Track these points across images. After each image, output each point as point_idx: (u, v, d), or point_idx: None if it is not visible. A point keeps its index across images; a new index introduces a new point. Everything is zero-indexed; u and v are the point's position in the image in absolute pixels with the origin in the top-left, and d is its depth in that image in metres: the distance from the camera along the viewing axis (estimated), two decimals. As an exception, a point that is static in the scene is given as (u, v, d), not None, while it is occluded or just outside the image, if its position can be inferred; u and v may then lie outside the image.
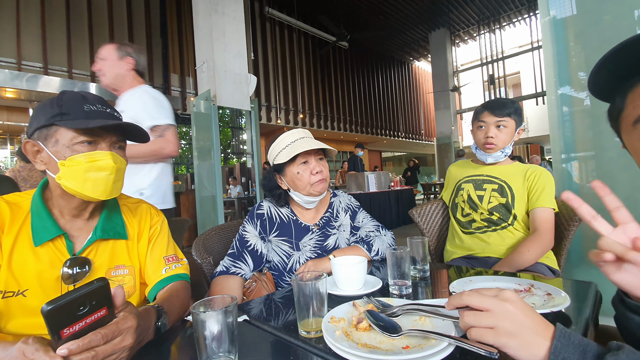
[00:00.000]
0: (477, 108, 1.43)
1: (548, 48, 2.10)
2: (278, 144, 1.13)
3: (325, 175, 1.13)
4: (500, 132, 1.34)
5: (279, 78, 10.15)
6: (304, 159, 1.11)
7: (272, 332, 0.64)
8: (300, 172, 1.11)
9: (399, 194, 6.71)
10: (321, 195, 1.14)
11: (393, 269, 0.82)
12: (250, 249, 1.13)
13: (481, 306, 0.46)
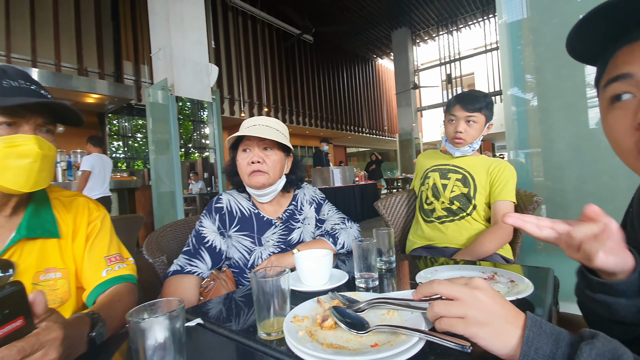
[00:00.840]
0: (450, 99, 1.44)
1: (504, 49, 2.19)
2: (240, 128, 1.06)
3: (267, 168, 1.05)
4: (470, 128, 1.37)
5: (243, 70, 9.84)
6: (245, 146, 1.06)
7: (229, 335, 0.58)
8: (239, 160, 1.07)
9: (364, 188, 6.82)
10: (266, 189, 1.08)
11: (359, 262, 0.79)
12: (208, 245, 1.04)
13: (451, 295, 0.43)
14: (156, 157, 4.75)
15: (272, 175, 1.06)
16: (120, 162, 8.54)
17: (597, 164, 1.93)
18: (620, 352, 0.35)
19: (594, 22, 0.46)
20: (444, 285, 0.44)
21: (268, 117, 1.08)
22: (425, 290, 0.46)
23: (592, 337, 0.37)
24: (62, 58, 6.63)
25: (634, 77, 0.45)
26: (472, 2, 11.29)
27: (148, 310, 0.47)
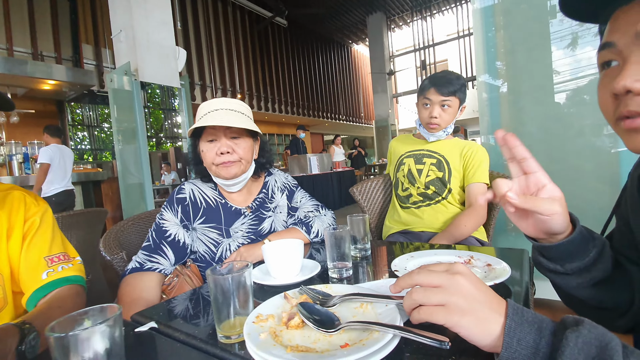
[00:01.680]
0: (424, 82, 1.40)
1: (478, 34, 2.18)
2: (198, 113, 0.96)
3: (237, 157, 0.97)
4: (444, 112, 1.35)
5: (214, 55, 9.43)
6: (211, 136, 0.96)
7: (185, 340, 0.52)
8: (204, 150, 0.97)
9: (341, 175, 6.81)
10: (237, 179, 1.00)
11: (332, 250, 0.74)
12: (170, 239, 0.96)
13: (432, 283, 0.40)
14: (122, 148, 4.49)
15: (244, 164, 1.00)
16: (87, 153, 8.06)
17: (565, 145, 1.98)
18: (608, 339, 0.32)
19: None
20: (424, 274, 0.41)
21: (228, 98, 0.99)
22: (404, 283, 0.43)
23: (577, 324, 0.34)
24: (14, 42, 6.06)
25: (616, 46, 0.43)
26: (446, -13, 11.34)
27: (78, 321, 0.39)
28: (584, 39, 1.93)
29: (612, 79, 0.42)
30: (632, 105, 0.41)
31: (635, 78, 0.40)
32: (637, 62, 0.40)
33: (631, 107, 0.41)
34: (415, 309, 0.39)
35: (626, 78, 0.40)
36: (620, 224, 0.60)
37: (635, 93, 0.40)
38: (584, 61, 1.93)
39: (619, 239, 0.59)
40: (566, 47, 1.96)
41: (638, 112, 0.41)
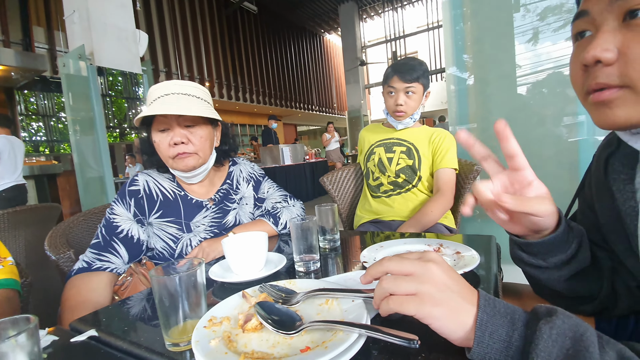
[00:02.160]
0: (387, 70, 1.39)
1: (447, 27, 2.19)
2: (148, 97, 0.87)
3: (194, 148, 0.89)
4: (409, 99, 1.34)
5: (180, 40, 8.97)
6: (162, 124, 0.87)
7: (128, 349, 0.46)
8: (157, 141, 0.88)
9: (314, 166, 6.77)
10: (195, 172, 0.93)
11: (298, 243, 0.70)
12: (123, 236, 0.88)
13: (403, 270, 0.37)
14: (80, 139, 4.17)
15: (202, 155, 0.91)
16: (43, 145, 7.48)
17: (528, 134, 2.05)
18: (583, 329, 0.30)
19: None
20: (395, 262, 0.38)
21: (181, 80, 0.90)
22: (374, 271, 0.39)
23: (550, 315, 0.31)
24: (-43, 24, 5.43)
25: (590, 15, 0.40)
26: (416, -22, 11.42)
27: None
28: (544, 34, 1.99)
29: (584, 49, 0.40)
30: (601, 76, 0.39)
31: (604, 47, 0.38)
32: (609, 30, 0.38)
33: (599, 79, 0.39)
34: (385, 299, 0.36)
35: (596, 47, 0.38)
36: (584, 207, 0.59)
37: (605, 63, 0.38)
38: (544, 55, 2.00)
39: (583, 223, 0.59)
40: (527, 41, 2.02)
41: (606, 84, 0.39)
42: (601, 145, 0.56)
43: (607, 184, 0.51)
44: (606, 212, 0.52)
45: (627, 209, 0.48)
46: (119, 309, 0.63)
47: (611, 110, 0.39)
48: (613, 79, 0.38)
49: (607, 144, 0.54)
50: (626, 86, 0.37)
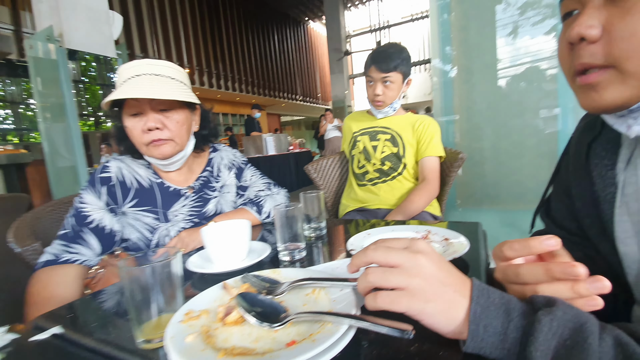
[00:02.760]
0: (367, 58, 1.37)
1: (433, 16, 2.17)
2: (117, 81, 0.81)
3: (170, 134, 0.82)
4: (387, 89, 1.32)
5: (157, 24, 8.59)
6: (133, 108, 0.80)
7: (94, 346, 0.42)
8: (129, 126, 0.81)
9: (298, 156, 6.71)
10: (172, 159, 0.87)
11: (283, 231, 0.67)
12: (93, 226, 0.82)
13: (390, 262, 0.34)
14: (50, 126, 3.95)
15: (178, 142, 0.85)
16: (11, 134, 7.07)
17: (510, 122, 2.08)
18: (583, 319, 0.29)
19: None
20: (381, 251, 0.35)
21: (155, 59, 0.83)
22: (359, 261, 0.36)
23: (550, 305, 0.30)
24: None
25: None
26: (400, -33, 11.33)
27: None
28: (524, 28, 2.02)
29: (569, 27, 0.38)
30: (585, 56, 0.37)
31: (589, 24, 0.36)
32: (594, 7, 0.36)
33: (584, 59, 0.37)
34: (371, 294, 0.33)
35: (581, 24, 0.36)
36: (559, 191, 0.59)
37: (589, 41, 0.36)
38: (522, 49, 2.03)
39: (559, 208, 0.58)
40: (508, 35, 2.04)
41: (590, 64, 0.37)
42: (579, 128, 0.55)
43: (587, 168, 0.50)
44: (583, 197, 0.51)
45: (606, 195, 0.47)
46: (88, 303, 0.59)
47: (598, 94, 0.38)
48: (597, 58, 0.36)
49: (588, 128, 0.53)
50: (611, 66, 0.36)
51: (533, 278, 0.35)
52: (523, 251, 0.36)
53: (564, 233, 0.57)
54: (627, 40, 0.34)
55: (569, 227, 0.55)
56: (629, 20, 0.34)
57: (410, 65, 1.37)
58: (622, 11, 0.34)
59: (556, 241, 0.34)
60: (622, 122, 0.40)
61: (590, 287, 0.32)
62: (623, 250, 0.46)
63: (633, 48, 0.34)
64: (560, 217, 0.57)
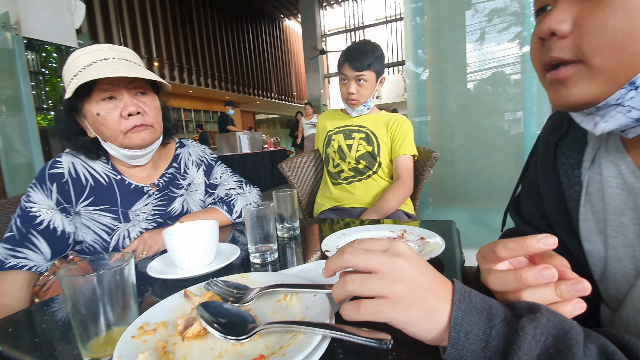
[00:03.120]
0: (340, 56, 1.36)
1: (407, 19, 2.20)
2: (69, 68, 0.73)
3: (150, 119, 0.78)
4: (361, 87, 1.32)
5: (124, 14, 8.16)
6: (107, 92, 0.73)
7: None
8: (102, 113, 0.73)
9: (273, 154, 6.62)
10: (149, 149, 0.81)
11: (254, 231, 0.63)
12: (43, 228, 0.74)
13: (369, 267, 0.31)
14: (4, 120, 3.64)
15: (158, 128, 0.81)
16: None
17: (480, 123, 2.14)
18: (567, 327, 0.27)
19: None
20: (359, 255, 0.32)
21: (115, 45, 0.76)
22: (335, 265, 0.33)
23: (533, 312, 0.28)
24: None
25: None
26: (375, -31, 11.45)
27: None
28: (490, 34, 2.09)
29: (542, 22, 0.38)
30: (555, 50, 0.37)
31: (560, 18, 0.36)
32: (566, 1, 0.36)
33: (553, 53, 0.37)
34: (352, 305, 0.30)
35: (552, 19, 0.36)
36: (528, 190, 0.59)
37: (559, 36, 0.36)
38: (489, 54, 2.11)
39: (528, 206, 0.59)
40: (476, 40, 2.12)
41: (560, 58, 0.37)
42: (547, 127, 0.55)
43: (554, 167, 0.51)
44: (551, 195, 0.52)
45: (571, 194, 0.48)
46: (33, 315, 0.52)
47: (567, 89, 0.37)
48: (567, 53, 0.36)
49: (555, 127, 0.53)
50: (580, 61, 0.36)
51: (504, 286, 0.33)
52: (520, 251, 0.33)
53: (534, 230, 0.57)
54: (597, 33, 0.34)
55: (538, 224, 0.56)
56: (599, 14, 0.33)
57: (384, 64, 1.37)
58: (593, 5, 0.34)
59: (554, 240, 0.32)
60: (589, 120, 0.40)
61: (571, 289, 0.31)
62: (588, 248, 0.47)
63: (601, 42, 0.34)
64: (529, 215, 0.58)
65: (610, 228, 0.43)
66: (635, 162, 0.41)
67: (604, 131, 0.38)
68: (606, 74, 0.34)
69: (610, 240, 0.43)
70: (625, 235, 0.41)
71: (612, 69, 0.34)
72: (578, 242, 0.48)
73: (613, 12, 0.33)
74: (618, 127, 0.37)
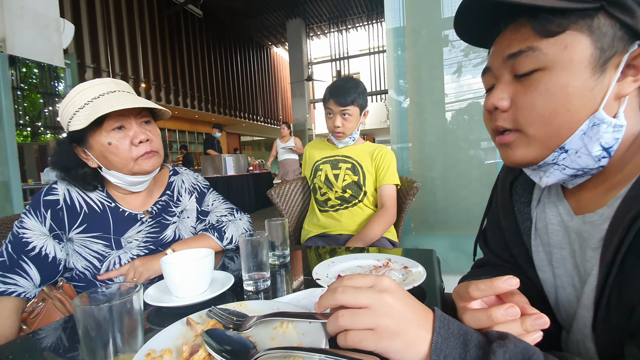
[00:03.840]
0: (325, 91, 1.45)
1: (390, 53, 2.36)
2: (72, 101, 0.76)
3: (157, 146, 0.83)
4: (346, 121, 1.40)
5: (112, 34, 8.22)
6: (117, 122, 0.78)
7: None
8: (113, 142, 0.77)
9: (257, 177, 6.63)
10: (154, 172, 0.86)
11: (248, 260, 0.66)
12: (34, 254, 0.75)
13: (358, 304, 0.36)
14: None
15: (161, 154, 0.86)
16: None
17: (457, 155, 2.27)
18: (531, 353, 0.33)
19: (472, 12, 0.48)
20: (349, 294, 0.37)
21: (114, 79, 0.81)
22: (327, 303, 0.38)
23: (502, 338, 0.34)
24: None
25: (492, 70, 0.48)
26: (359, 5, 12.11)
27: None
28: (466, 68, 2.28)
29: (488, 98, 0.48)
30: (499, 120, 0.46)
31: (500, 97, 0.45)
32: (504, 82, 0.46)
33: (498, 122, 0.47)
34: (342, 335, 0.35)
35: (494, 97, 0.46)
36: (492, 223, 0.67)
37: (501, 110, 0.46)
38: (465, 87, 2.28)
39: (493, 239, 0.66)
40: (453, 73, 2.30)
41: (503, 127, 0.46)
42: (504, 168, 0.64)
43: (510, 204, 0.59)
44: (510, 229, 0.59)
45: (524, 228, 0.56)
46: (26, 343, 0.53)
47: (512, 151, 0.47)
48: (508, 123, 0.46)
49: (510, 168, 0.62)
50: (518, 130, 0.45)
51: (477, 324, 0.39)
52: (489, 291, 0.39)
53: (499, 260, 0.64)
54: (528, 110, 0.43)
55: (503, 255, 0.63)
56: (529, 95, 0.43)
57: (366, 98, 1.46)
58: (524, 87, 0.43)
59: (516, 281, 0.38)
60: (535, 174, 0.49)
61: (534, 323, 0.37)
62: (541, 277, 0.54)
63: (533, 117, 0.43)
64: (495, 246, 0.65)
65: (554, 260, 0.50)
66: (570, 204, 0.49)
67: (548, 184, 0.47)
68: (540, 141, 0.43)
69: (556, 271, 0.50)
70: (565, 266, 0.49)
71: (544, 138, 0.43)
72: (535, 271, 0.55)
73: (539, 95, 0.42)
74: (558, 181, 0.46)
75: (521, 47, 0.43)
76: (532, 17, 0.41)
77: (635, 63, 0.40)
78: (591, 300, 0.42)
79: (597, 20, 0.39)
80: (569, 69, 0.40)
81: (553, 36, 0.40)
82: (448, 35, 2.31)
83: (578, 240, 0.46)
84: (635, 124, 0.43)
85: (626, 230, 0.36)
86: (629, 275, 0.37)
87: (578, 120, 0.41)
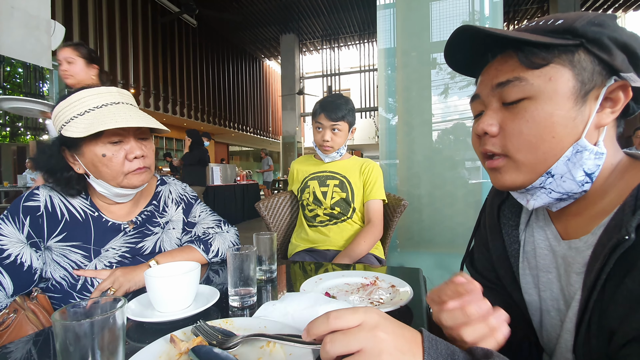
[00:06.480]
0: (315, 105, 1.46)
1: (382, 72, 2.44)
2: (72, 105, 0.75)
3: (149, 162, 0.83)
4: (335, 136, 1.42)
5: (103, 38, 8.14)
6: (116, 136, 0.77)
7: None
8: (108, 154, 0.76)
9: (245, 188, 6.58)
10: (142, 187, 0.85)
11: (235, 274, 0.65)
12: (9, 262, 0.71)
13: (351, 350, 0.34)
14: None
15: (152, 169, 0.85)
16: None
17: (443, 174, 2.32)
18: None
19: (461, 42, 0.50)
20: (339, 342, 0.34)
21: (118, 88, 0.80)
22: (317, 333, 0.36)
23: (487, 357, 0.34)
24: None
25: (481, 97, 0.51)
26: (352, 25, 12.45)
27: None
28: (453, 90, 2.36)
29: (477, 123, 0.51)
30: (488, 144, 0.49)
31: (489, 123, 0.48)
32: (493, 109, 0.48)
33: (487, 146, 0.49)
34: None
35: (483, 122, 0.48)
36: (480, 245, 0.68)
37: (490, 135, 0.48)
38: (452, 107, 2.36)
39: (480, 260, 0.67)
40: (440, 94, 2.38)
41: (492, 151, 0.49)
42: (492, 191, 0.67)
43: (498, 227, 0.61)
44: (497, 251, 0.61)
45: (512, 251, 0.58)
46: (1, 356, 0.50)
47: (501, 175, 0.49)
48: (497, 148, 0.48)
49: (498, 192, 0.64)
50: (506, 155, 0.48)
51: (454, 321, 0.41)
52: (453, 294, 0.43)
53: (486, 282, 0.65)
54: (516, 137, 0.46)
55: (489, 276, 0.64)
56: (516, 122, 0.45)
57: (355, 115, 1.49)
58: (512, 115, 0.46)
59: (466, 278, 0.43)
60: (523, 197, 0.51)
61: (497, 318, 0.40)
62: (527, 299, 0.55)
63: (520, 143, 0.45)
64: (481, 267, 0.66)
65: (541, 283, 0.52)
66: (557, 229, 0.51)
67: (535, 207, 0.49)
68: (527, 165, 0.46)
69: (542, 294, 0.52)
70: (552, 290, 0.50)
71: (532, 163, 0.46)
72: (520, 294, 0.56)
73: (526, 122, 0.44)
74: (544, 204, 0.48)
75: (509, 77, 0.45)
76: (519, 49, 0.44)
77: (612, 96, 0.44)
78: (573, 324, 0.43)
79: (577, 55, 0.43)
80: (553, 99, 0.43)
81: (538, 68, 0.43)
82: (436, 58, 2.40)
83: (564, 264, 0.48)
84: (613, 154, 0.46)
85: (607, 258, 0.38)
86: (609, 301, 0.38)
87: (562, 147, 0.44)
